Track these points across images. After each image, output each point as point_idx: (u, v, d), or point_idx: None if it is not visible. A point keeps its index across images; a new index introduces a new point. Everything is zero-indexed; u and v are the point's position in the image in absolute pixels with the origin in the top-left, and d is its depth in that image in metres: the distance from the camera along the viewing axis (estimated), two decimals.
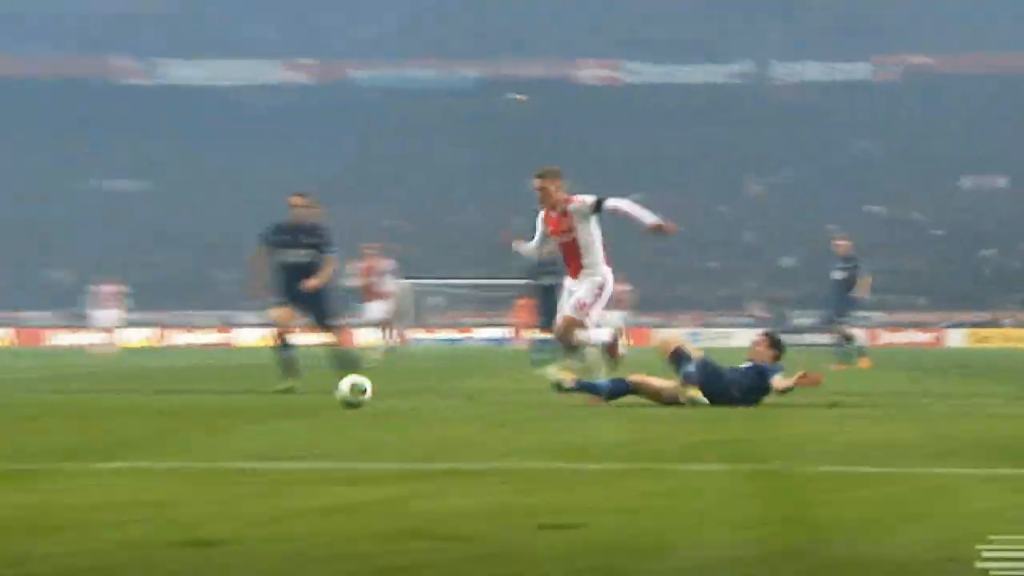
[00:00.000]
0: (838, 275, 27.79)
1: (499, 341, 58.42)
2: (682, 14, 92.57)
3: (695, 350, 13.72)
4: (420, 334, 56.34)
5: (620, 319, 41.65)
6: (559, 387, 13.97)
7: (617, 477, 7.84)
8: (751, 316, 66.75)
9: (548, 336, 28.73)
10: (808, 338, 53.54)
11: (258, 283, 17.08)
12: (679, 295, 64.86)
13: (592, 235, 13.97)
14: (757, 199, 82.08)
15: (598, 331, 15.38)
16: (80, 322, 61.32)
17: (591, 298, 14.08)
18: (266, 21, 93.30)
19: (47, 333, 64.81)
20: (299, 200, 16.74)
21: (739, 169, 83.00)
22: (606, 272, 14.13)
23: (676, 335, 14.64)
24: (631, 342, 40.99)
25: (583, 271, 14.06)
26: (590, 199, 13.97)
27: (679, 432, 10.76)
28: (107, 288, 43.85)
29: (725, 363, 14.01)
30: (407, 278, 55.29)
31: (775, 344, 13.72)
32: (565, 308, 14.20)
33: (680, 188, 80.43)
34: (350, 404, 12.81)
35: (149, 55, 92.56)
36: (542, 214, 14.24)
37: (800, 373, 13.40)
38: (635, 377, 13.87)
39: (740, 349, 42.06)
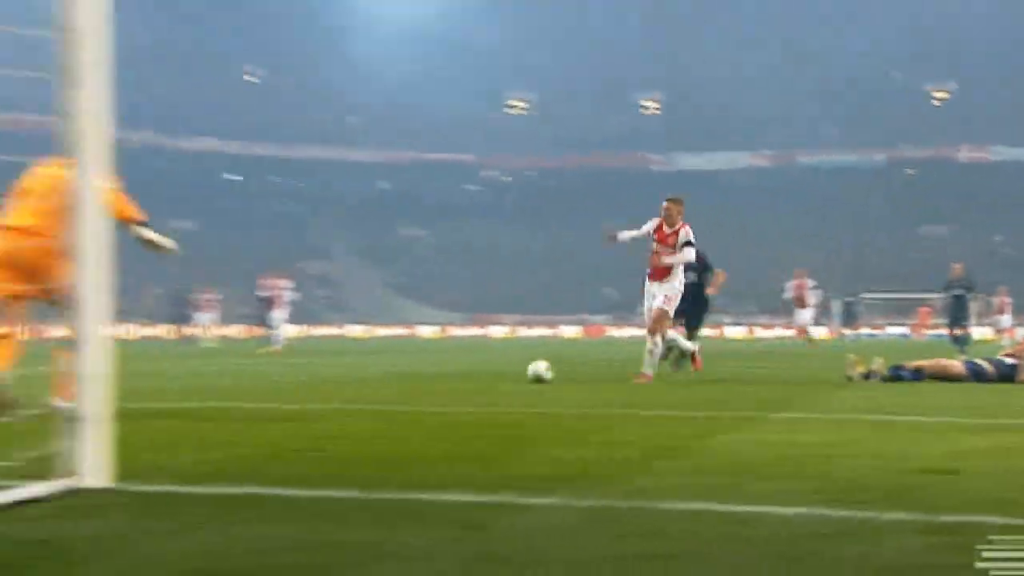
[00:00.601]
0: None
1: (905, 336, 55.68)
2: None
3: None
4: (846, 331, 53.75)
5: (1007, 321, 38.87)
6: (850, 379, 12.00)
7: None
8: None
9: (959, 333, 27.21)
10: None
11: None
12: None
13: (678, 255, 12.49)
14: None
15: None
16: (623, 321, 62.13)
17: (674, 294, 12.53)
18: (736, 122, 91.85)
19: (605, 329, 65.71)
20: None
21: None
22: (681, 280, 12.68)
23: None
24: (1011, 335, 38.08)
25: (667, 278, 12.52)
26: (687, 237, 12.50)
27: None
28: None
29: (988, 359, 12.16)
30: (847, 296, 53.57)
31: None
32: (656, 304, 12.48)
33: None
34: (539, 380, 11.65)
35: (668, 151, 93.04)
36: (656, 222, 12.67)
37: None
38: (928, 366, 12.15)
39: None
